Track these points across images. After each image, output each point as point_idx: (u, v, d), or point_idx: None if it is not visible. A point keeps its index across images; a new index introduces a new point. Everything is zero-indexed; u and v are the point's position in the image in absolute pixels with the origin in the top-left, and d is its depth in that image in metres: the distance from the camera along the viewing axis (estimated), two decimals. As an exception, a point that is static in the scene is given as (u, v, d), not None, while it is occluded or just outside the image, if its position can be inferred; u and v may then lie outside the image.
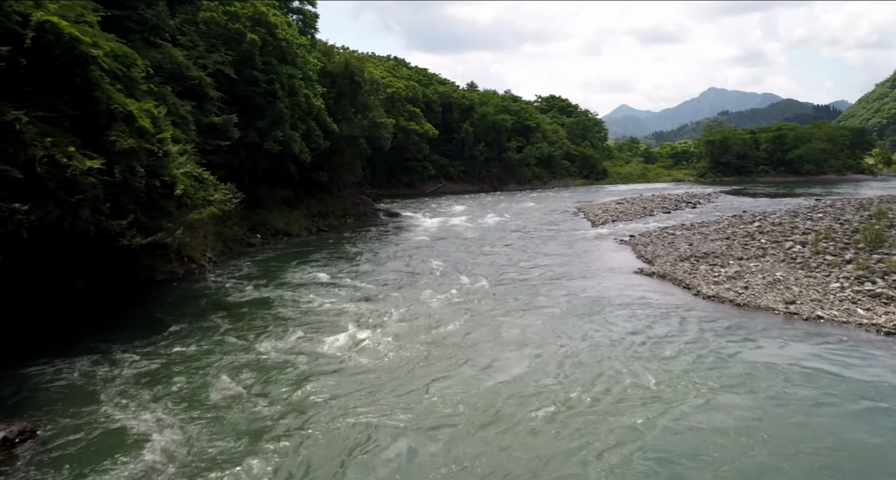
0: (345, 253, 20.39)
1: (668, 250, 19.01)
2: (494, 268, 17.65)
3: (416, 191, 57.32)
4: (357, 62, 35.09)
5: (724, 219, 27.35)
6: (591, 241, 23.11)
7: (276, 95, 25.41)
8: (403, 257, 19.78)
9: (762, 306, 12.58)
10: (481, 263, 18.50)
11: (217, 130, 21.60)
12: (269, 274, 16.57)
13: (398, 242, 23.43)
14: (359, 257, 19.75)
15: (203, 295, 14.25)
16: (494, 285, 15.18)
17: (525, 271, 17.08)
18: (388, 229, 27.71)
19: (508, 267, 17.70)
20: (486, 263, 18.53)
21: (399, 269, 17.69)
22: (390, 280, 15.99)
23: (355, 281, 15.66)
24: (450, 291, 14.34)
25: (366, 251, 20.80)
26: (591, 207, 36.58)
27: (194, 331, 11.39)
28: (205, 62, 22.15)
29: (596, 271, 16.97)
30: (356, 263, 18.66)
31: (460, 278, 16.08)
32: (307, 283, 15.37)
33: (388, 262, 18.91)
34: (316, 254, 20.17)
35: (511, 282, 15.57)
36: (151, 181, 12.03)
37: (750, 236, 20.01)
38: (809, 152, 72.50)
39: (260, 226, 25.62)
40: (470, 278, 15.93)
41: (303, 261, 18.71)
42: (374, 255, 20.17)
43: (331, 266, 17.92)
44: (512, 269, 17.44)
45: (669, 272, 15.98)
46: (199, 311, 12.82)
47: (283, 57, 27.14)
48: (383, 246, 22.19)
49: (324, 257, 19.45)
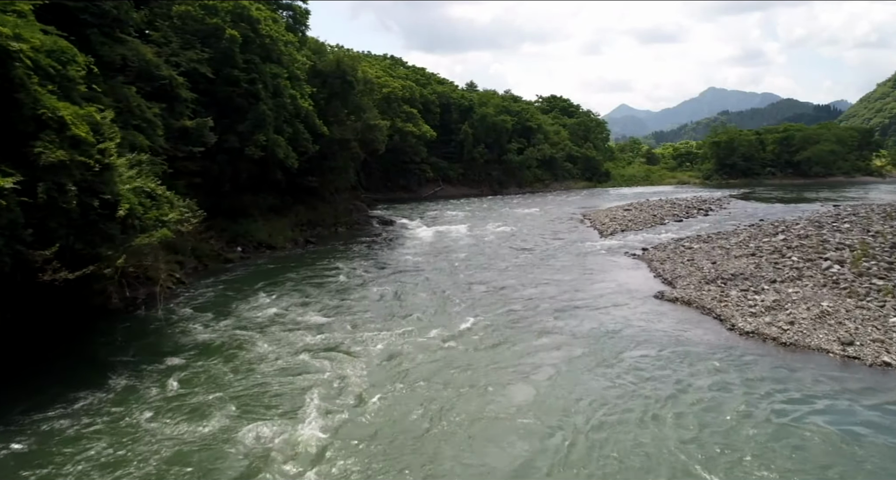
0: (326, 275, 18.13)
1: (689, 270, 17.07)
2: (492, 295, 15.39)
3: (413, 195, 55.39)
4: (349, 61, 33.14)
5: (741, 229, 25.42)
6: (600, 256, 21.15)
7: (259, 96, 23.46)
8: (390, 281, 17.42)
9: (813, 346, 10.64)
10: (477, 288, 16.21)
11: (190, 135, 19.66)
12: (232, 304, 14.42)
13: (388, 259, 21.21)
14: (341, 280, 17.43)
15: (154, 331, 12.26)
16: (490, 321, 12.83)
17: (527, 299, 14.81)
18: (380, 241, 25.72)
19: (509, 294, 15.47)
20: (482, 288, 16.23)
21: (382, 298, 15.16)
22: (368, 318, 13.27)
23: (328, 318, 13.18)
24: (436, 333, 11.93)
25: (350, 273, 18.45)
26: (597, 214, 34.64)
27: (126, 389, 9.32)
28: (178, 60, 20.21)
29: (610, 297, 15.00)
30: (335, 290, 16.16)
31: (450, 312, 13.74)
32: (270, 321, 12.90)
33: (372, 288, 16.37)
34: (295, 274, 18.12)
35: (510, 316, 13.32)
36: (88, 200, 10.09)
37: (778, 253, 18.06)
38: (818, 154, 70.58)
39: (241, 238, 23.67)
40: (462, 312, 13.67)
41: (277, 285, 16.53)
42: (358, 278, 17.80)
43: (305, 294, 15.60)
44: (513, 296, 15.21)
45: (695, 298, 14.04)
46: (143, 355, 10.81)
47: (267, 55, 25.19)
48: (371, 265, 19.91)
49: (302, 280, 17.26)
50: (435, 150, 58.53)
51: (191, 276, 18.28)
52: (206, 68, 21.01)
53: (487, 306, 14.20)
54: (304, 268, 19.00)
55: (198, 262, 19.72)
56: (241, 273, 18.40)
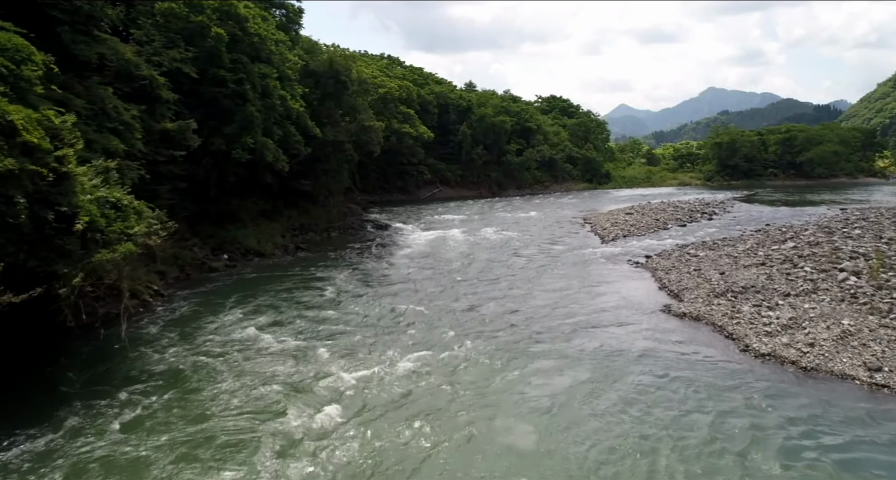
0: (311, 287, 17.04)
1: (696, 281, 16.16)
2: (485, 312, 14.26)
3: (411, 197, 54.49)
4: (343, 60, 32.25)
5: (748, 235, 24.53)
6: (602, 264, 20.24)
7: (247, 97, 22.54)
8: (377, 295, 16.17)
9: (837, 372, 9.73)
10: (473, 302, 15.14)
11: (172, 138, 18.75)
12: (203, 321, 13.44)
13: (378, 269, 20.11)
14: (325, 294, 16.20)
15: (112, 356, 11.26)
16: (481, 344, 11.59)
17: (523, 316, 13.80)
18: (372, 248, 24.76)
19: (503, 310, 14.40)
20: (475, 303, 15.02)
21: (365, 318, 13.80)
22: (346, 343, 11.87)
23: (303, 341, 12.02)
24: (420, 361, 10.71)
25: (336, 285, 17.24)
26: (597, 217, 33.73)
27: (64, 431, 8.29)
28: (160, 59, 19.29)
29: (613, 312, 14.09)
30: (317, 306, 14.92)
31: (438, 333, 12.50)
32: (240, 345, 11.67)
33: (356, 304, 15.11)
34: (278, 286, 17.14)
35: (503, 337, 12.28)
36: (42, 213, 9.19)
37: (790, 263, 17.16)
38: (821, 155, 69.61)
39: (229, 245, 22.75)
40: (451, 333, 12.48)
41: (256, 298, 15.51)
42: (343, 292, 16.60)
43: (283, 311, 14.43)
44: (507, 313, 14.14)
45: (705, 314, 13.14)
46: (92, 386, 9.84)
47: (256, 54, 24.27)
48: (359, 276, 18.78)
49: (283, 293, 16.19)
50: (433, 151, 57.60)
51: (172, 286, 17.40)
52: (189, 68, 20.09)
53: (479, 325, 13.16)
54: (288, 279, 18.02)
55: (180, 271, 18.83)
56: (222, 284, 17.48)
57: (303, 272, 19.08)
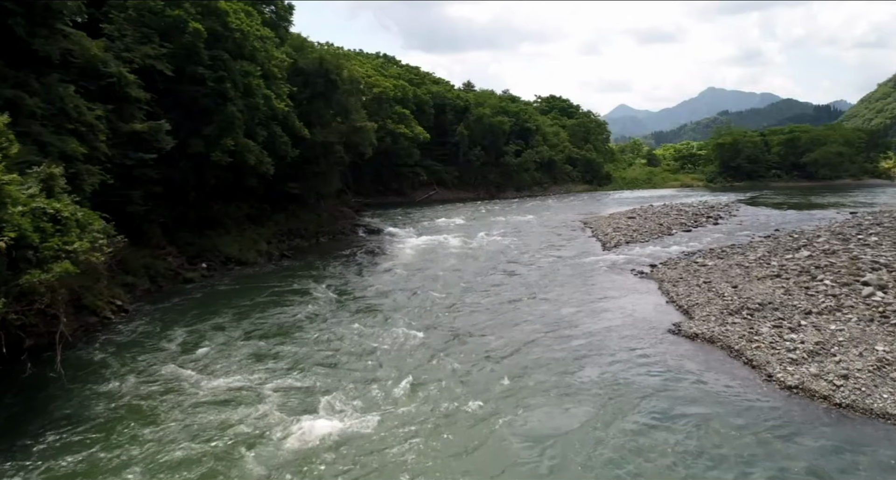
0: (286, 302, 15.48)
1: (707, 295, 14.89)
2: (475, 333, 12.85)
3: (406, 199, 53.23)
4: (333, 58, 30.96)
5: (758, 242, 23.29)
6: (604, 274, 18.98)
7: (227, 96, 21.26)
8: (358, 312, 14.68)
9: (877, 410, 8.47)
10: (461, 326, 13.39)
11: (143, 140, 17.47)
12: (158, 346, 12.01)
13: (364, 280, 18.60)
14: (300, 313, 14.57)
15: (47, 389, 9.86)
16: (466, 375, 10.26)
17: (521, 339, 12.38)
18: (361, 256, 23.46)
19: (495, 332, 12.96)
20: (467, 325, 13.45)
21: (339, 343, 12.16)
22: (312, 379, 10.19)
23: (266, 373, 10.40)
24: (393, 400, 9.29)
25: (315, 300, 15.79)
26: (598, 222, 32.46)
27: None
28: (130, 56, 18.00)
29: (618, 332, 12.83)
30: (289, 327, 13.37)
31: (419, 363, 11.07)
32: (189, 382, 10.07)
33: (332, 325, 13.44)
34: (253, 300, 15.78)
35: (494, 366, 10.83)
36: (-42, 229, 7.95)
37: (807, 274, 15.90)
38: (825, 156, 68.40)
39: (208, 253, 21.46)
40: (433, 361, 11.05)
41: (224, 316, 14.12)
42: (322, 307, 15.09)
43: (251, 333, 12.91)
44: (500, 335, 12.76)
45: (720, 335, 11.88)
46: (5, 435, 8.52)
47: (238, 51, 23.00)
48: (342, 289, 17.30)
49: (256, 310, 14.69)
50: (429, 152, 56.37)
51: (140, 300, 16.13)
52: (163, 65, 18.82)
53: (467, 351, 11.69)
54: (264, 291, 16.66)
55: (151, 283, 17.56)
56: (194, 298, 16.20)
57: (281, 284, 17.74)
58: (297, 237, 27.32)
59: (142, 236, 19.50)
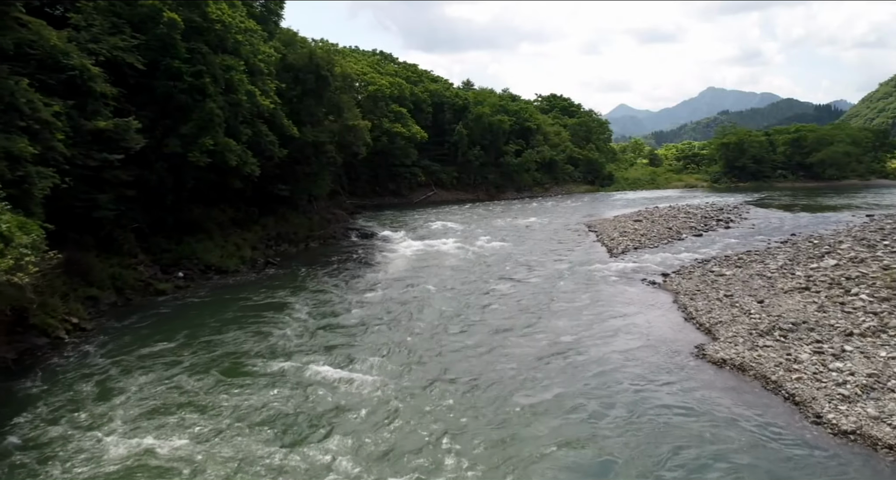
0: (261, 320, 13.92)
1: (730, 312, 13.40)
2: (468, 359, 11.26)
3: (403, 200, 51.71)
4: (324, 54, 29.43)
5: (775, 247, 21.82)
6: (612, 285, 17.49)
7: (207, 92, 19.75)
8: (336, 342, 12.48)
9: (958, 466, 6.97)
10: (453, 354, 11.71)
11: (108, 139, 15.96)
12: (111, 376, 10.45)
13: (351, 294, 16.78)
14: (272, 336, 12.81)
15: None
16: (458, 428, 8.41)
17: (520, 369, 10.80)
18: (352, 263, 21.92)
19: (492, 357, 11.45)
20: (457, 346, 12.09)
21: (305, 387, 10.00)
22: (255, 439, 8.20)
23: (213, 427, 8.49)
24: (370, 458, 7.60)
25: (291, 320, 14.01)
26: (603, 225, 30.95)
27: None
28: (96, 47, 16.48)
29: (632, 355, 11.34)
30: (253, 358, 11.44)
31: (401, 404, 9.32)
32: (135, 433, 8.32)
33: (305, 357, 11.44)
34: (224, 316, 14.22)
35: (491, 403, 9.31)
36: None
37: (839, 287, 14.41)
38: (832, 156, 66.85)
39: (186, 260, 19.95)
40: (419, 412, 9.14)
41: (189, 337, 12.59)
42: (296, 335, 12.98)
43: (210, 362, 11.17)
44: (500, 360, 11.33)
45: (751, 362, 10.38)
46: None
47: (219, 44, 21.49)
48: (323, 309, 15.31)
49: (225, 333, 12.99)
50: (427, 152, 54.84)
51: (103, 315, 14.65)
52: (133, 58, 17.31)
53: (459, 384, 10.03)
54: (237, 310, 14.96)
55: (118, 295, 16.04)
56: (160, 314, 14.68)
57: (257, 299, 16.14)
58: (286, 242, 25.81)
59: (112, 244, 18.03)
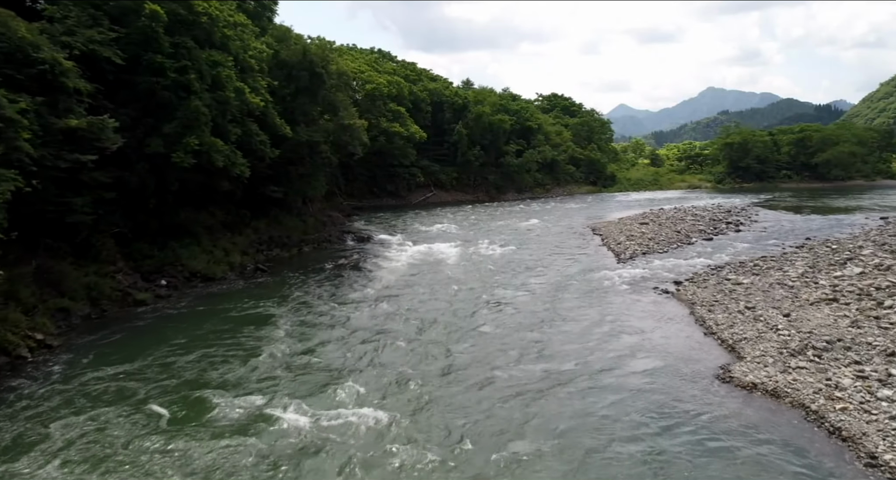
0: (237, 341, 12.53)
1: (755, 327, 12.30)
2: (469, 385, 10.09)
3: (402, 201, 50.63)
4: (319, 50, 28.32)
5: (791, 252, 20.75)
6: (622, 294, 16.39)
7: (192, 89, 18.65)
8: (315, 366, 11.16)
9: None
10: (451, 367, 10.85)
11: (82, 138, 14.85)
12: (63, 405, 9.35)
13: (335, 316, 14.65)
14: (252, 359, 11.35)
15: None
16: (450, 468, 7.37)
17: (525, 398, 9.51)
18: (345, 271, 20.73)
19: (494, 380, 10.27)
20: (451, 367, 10.86)
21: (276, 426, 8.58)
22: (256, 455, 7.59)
23: None
24: None
25: (283, 334, 12.92)
26: (608, 228, 29.86)
27: None
28: (71, 40, 15.38)
29: (649, 378, 10.25)
30: (221, 386, 10.08)
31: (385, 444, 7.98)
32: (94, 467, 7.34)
33: (280, 386, 10.09)
34: (204, 331, 13.06)
35: (493, 445, 8.13)
36: None
37: (870, 298, 13.34)
38: (837, 156, 65.80)
39: (170, 267, 18.85)
40: (419, 426, 8.47)
41: (155, 360, 11.38)
42: (273, 357, 11.52)
43: (172, 390, 9.91)
44: (499, 384, 10.12)
45: (786, 387, 9.29)
46: None
47: (206, 38, 20.40)
48: (316, 320, 14.21)
49: (200, 346, 12.01)
50: (426, 152, 53.76)
51: (75, 329, 13.55)
52: (111, 52, 16.21)
53: (451, 428, 8.64)
54: (218, 323, 13.77)
55: (92, 307, 14.93)
56: (136, 327, 13.57)
57: (242, 310, 15.00)
58: (278, 247, 24.71)
59: (89, 250, 16.94)
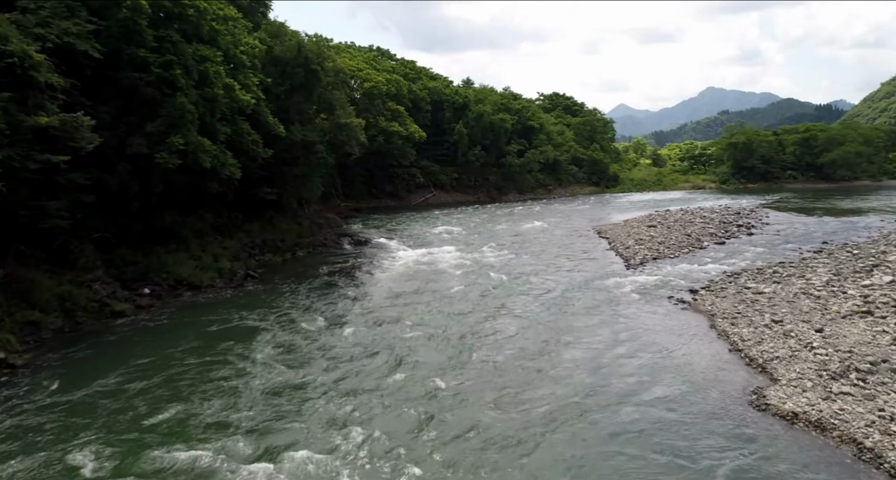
0: (223, 360, 11.29)
1: (786, 344, 11.24)
2: (463, 422, 8.90)
3: (401, 203, 49.60)
4: (314, 46, 27.27)
5: (811, 258, 19.71)
6: (635, 304, 15.32)
7: (177, 85, 17.59)
8: (308, 387, 10.04)
9: None
10: (456, 384, 10.02)
11: (54, 137, 13.78)
12: (18, 439, 8.35)
13: (329, 331, 13.36)
14: (236, 378, 10.39)
15: None
16: None
17: (524, 426, 8.71)
18: (339, 279, 19.55)
19: (496, 412, 9.14)
20: (457, 404, 9.35)
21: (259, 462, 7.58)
22: None
23: None
24: None
25: (264, 356, 11.46)
26: (615, 231, 28.80)
27: None
28: (44, 32, 14.31)
29: (674, 408, 9.15)
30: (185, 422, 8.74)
31: None
32: None
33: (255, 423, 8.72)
34: (182, 348, 11.91)
35: None
36: None
37: (908, 311, 12.27)
38: (844, 156, 64.79)
39: (154, 274, 17.77)
40: None
41: (135, 379, 10.33)
42: (248, 387, 10.07)
43: (130, 425, 8.63)
44: (496, 421, 9.04)
45: (832, 419, 8.23)
46: None
47: (195, 32, 19.34)
48: (299, 341, 12.60)
49: (184, 366, 10.93)
50: (425, 152, 52.71)
51: (44, 345, 12.47)
52: (87, 45, 15.14)
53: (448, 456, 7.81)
54: (203, 337, 12.62)
55: (66, 319, 13.85)
56: (110, 343, 12.50)
57: (225, 324, 13.81)
58: (271, 251, 23.64)
59: (66, 257, 15.88)
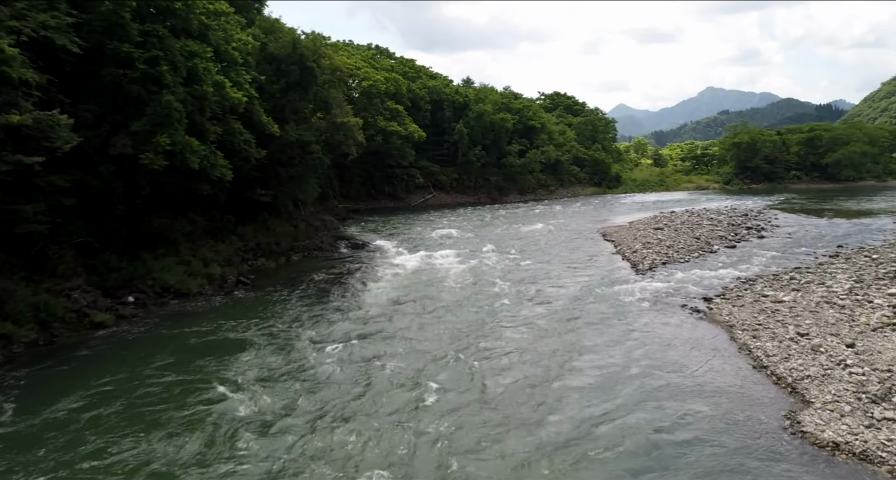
0: (201, 381, 10.30)
1: (817, 361, 10.38)
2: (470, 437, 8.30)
3: (400, 204, 48.73)
4: (310, 43, 26.38)
5: (827, 262, 18.87)
6: (647, 313, 14.45)
7: (164, 82, 16.71)
8: (289, 418, 8.96)
9: None
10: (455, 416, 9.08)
11: (28, 137, 12.91)
12: None
13: (317, 347, 12.17)
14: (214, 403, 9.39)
15: None
16: None
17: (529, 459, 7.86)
18: (335, 286, 18.60)
19: (500, 447, 8.23)
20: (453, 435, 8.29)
21: None
22: None
23: None
24: None
25: (246, 378, 10.37)
26: (620, 233, 27.93)
27: None
28: (19, 25, 13.44)
29: (699, 437, 8.29)
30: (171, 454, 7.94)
31: None
32: None
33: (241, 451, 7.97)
34: (163, 363, 11.01)
35: None
36: None
37: (944, 323, 11.41)
38: (849, 156, 63.94)
39: (140, 281, 16.89)
40: None
41: (104, 403, 9.46)
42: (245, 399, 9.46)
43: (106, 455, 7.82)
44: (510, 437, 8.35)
45: (879, 450, 7.41)
46: None
47: (183, 27, 18.47)
48: (288, 353, 11.79)
49: (160, 385, 10.05)
50: (425, 152, 51.83)
51: (14, 360, 11.63)
52: (66, 39, 14.27)
53: None
54: (183, 351, 11.70)
55: (40, 331, 12.97)
56: (85, 358, 11.61)
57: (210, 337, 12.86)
58: (264, 256, 22.74)
59: (44, 264, 15.02)
